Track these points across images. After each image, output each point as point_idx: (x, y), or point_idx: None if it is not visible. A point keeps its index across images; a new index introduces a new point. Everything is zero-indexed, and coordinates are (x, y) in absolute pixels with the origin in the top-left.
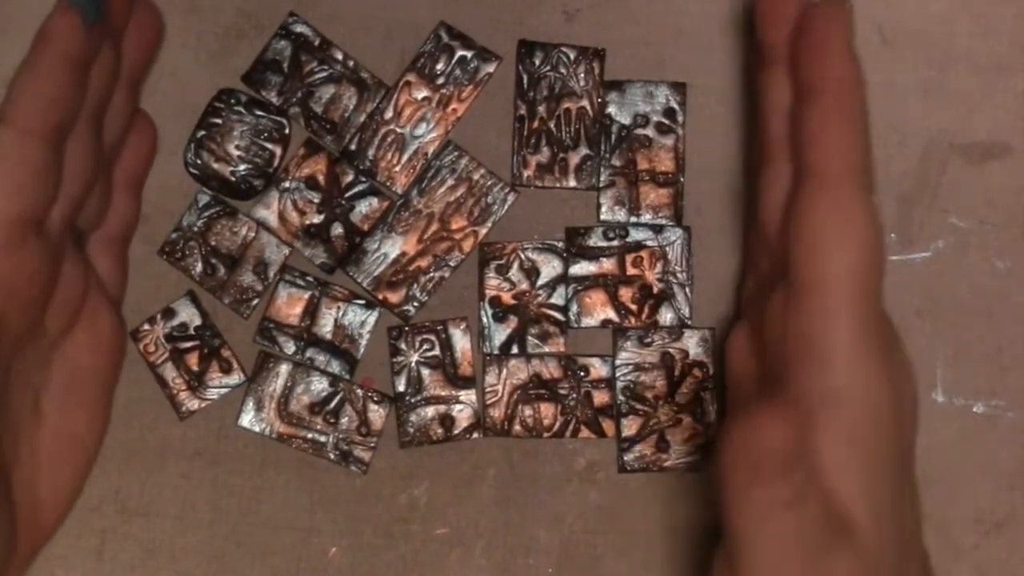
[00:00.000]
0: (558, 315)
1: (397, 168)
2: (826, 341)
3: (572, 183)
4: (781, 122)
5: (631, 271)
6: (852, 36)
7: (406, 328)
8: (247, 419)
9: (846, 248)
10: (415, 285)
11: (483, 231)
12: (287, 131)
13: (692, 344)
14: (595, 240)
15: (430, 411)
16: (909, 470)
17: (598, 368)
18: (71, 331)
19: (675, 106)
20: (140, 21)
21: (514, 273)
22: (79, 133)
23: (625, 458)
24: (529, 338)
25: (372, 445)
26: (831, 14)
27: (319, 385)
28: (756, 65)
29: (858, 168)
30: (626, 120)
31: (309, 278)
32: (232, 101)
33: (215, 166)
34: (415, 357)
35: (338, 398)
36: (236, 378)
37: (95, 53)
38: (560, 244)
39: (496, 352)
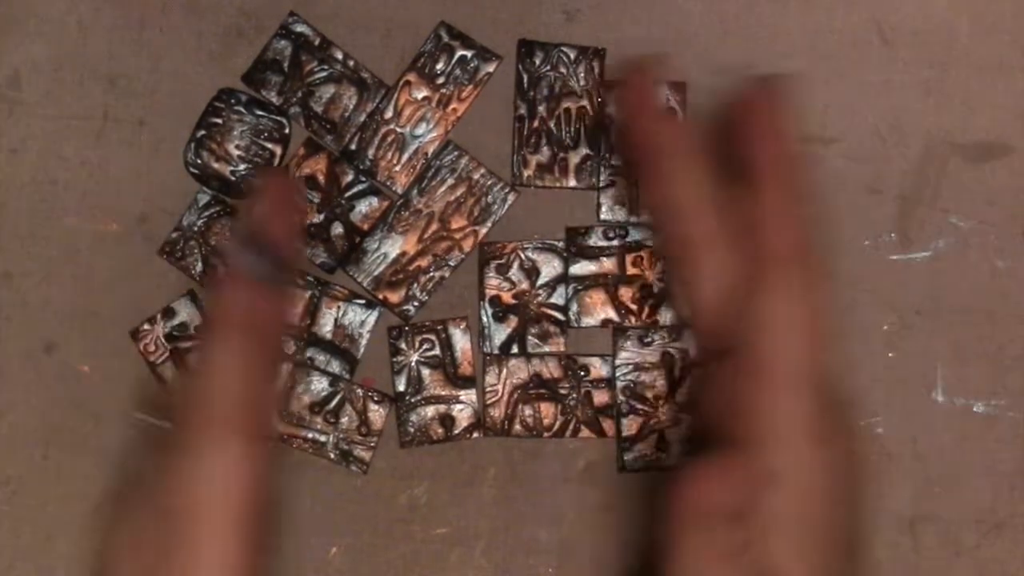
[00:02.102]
0: (558, 315)
1: (397, 168)
2: (770, 425)
3: (572, 183)
4: (705, 211)
5: (631, 270)
6: (785, 109)
7: (406, 328)
8: None
9: (795, 335)
10: (415, 285)
11: (483, 231)
12: (287, 131)
13: (692, 344)
14: (595, 240)
15: (430, 411)
16: (850, 546)
17: (598, 368)
18: None
19: (675, 106)
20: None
21: (514, 273)
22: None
23: (625, 458)
24: (529, 338)
25: (372, 445)
26: (759, 101)
27: (319, 385)
28: (642, 159)
29: (806, 251)
30: None
31: (309, 278)
32: (232, 101)
33: (215, 166)
34: (415, 357)
35: (338, 398)
36: None
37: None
38: (560, 244)
39: (496, 352)
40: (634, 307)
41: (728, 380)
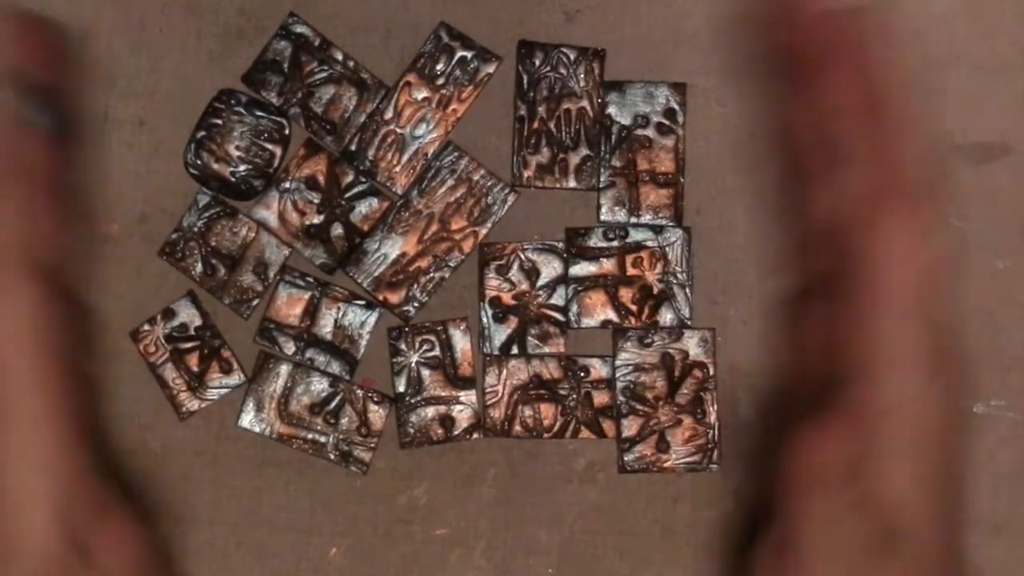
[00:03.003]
0: (558, 315)
1: (397, 168)
2: (883, 357)
3: (572, 183)
4: (816, 132)
5: (631, 271)
6: (891, 37)
7: (406, 328)
8: (247, 419)
9: (910, 265)
10: (415, 285)
11: (483, 231)
12: (287, 131)
13: (692, 344)
14: (595, 241)
15: (430, 411)
16: (957, 481)
17: (598, 369)
18: None
19: (675, 107)
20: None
21: (514, 273)
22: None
23: (625, 458)
24: (529, 338)
25: (372, 445)
26: (862, 25)
27: (319, 385)
28: (771, 73)
29: (920, 180)
30: (626, 121)
31: (309, 278)
32: (232, 101)
33: (215, 166)
34: (415, 357)
35: (338, 398)
36: (236, 379)
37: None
38: (560, 244)
39: (496, 352)
40: (634, 308)
41: (831, 315)
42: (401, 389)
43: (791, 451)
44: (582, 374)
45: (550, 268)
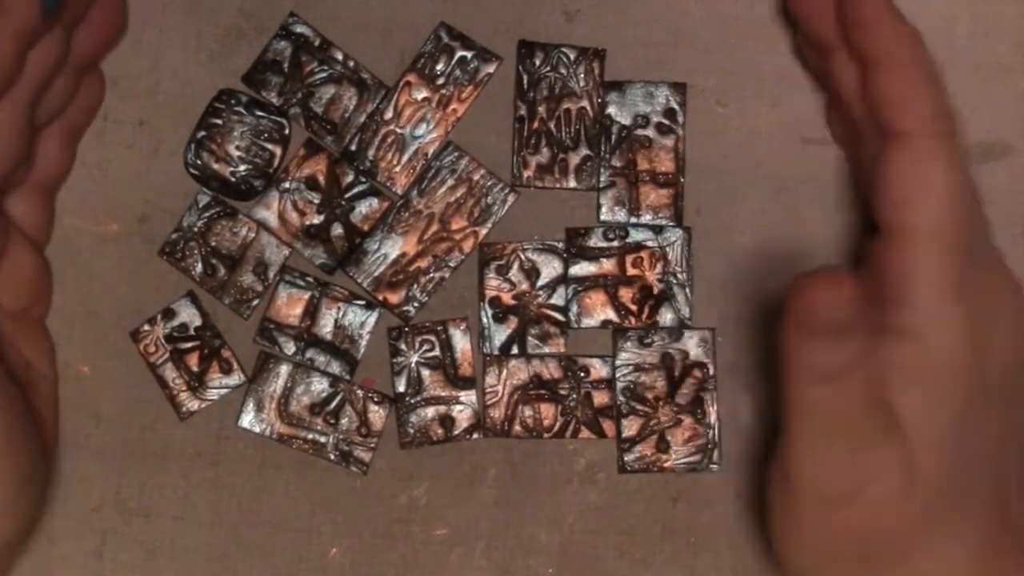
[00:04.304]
0: (558, 315)
1: (397, 168)
2: (907, 284)
3: (572, 183)
4: (859, 102)
5: (631, 271)
6: None
7: (406, 328)
8: (247, 420)
9: (925, 200)
10: (415, 285)
11: (483, 231)
12: (287, 131)
13: (692, 344)
14: (595, 241)
15: (430, 411)
16: (990, 412)
17: (598, 369)
18: None
19: (675, 106)
20: (101, 14)
21: (514, 273)
22: (7, 108)
23: (625, 458)
24: (529, 339)
25: (372, 446)
26: None
27: (319, 386)
28: (812, 58)
29: (930, 119)
30: (626, 120)
31: (309, 278)
32: (232, 101)
33: (215, 166)
34: (415, 357)
35: (338, 399)
36: (236, 379)
37: (43, 36)
38: (560, 244)
39: (496, 352)
40: (634, 308)
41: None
42: (401, 389)
43: (792, 295)
44: (582, 374)
45: (550, 268)
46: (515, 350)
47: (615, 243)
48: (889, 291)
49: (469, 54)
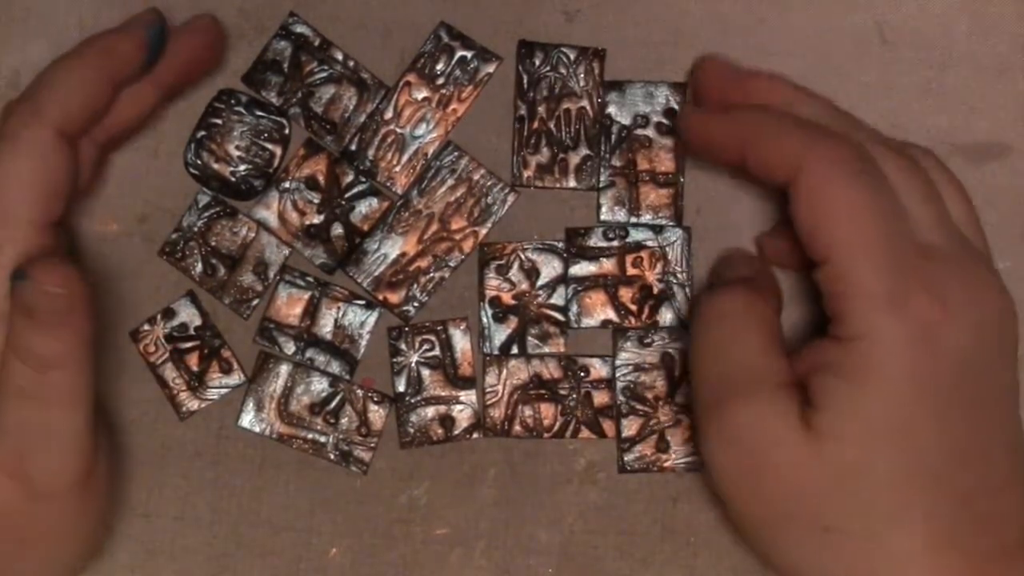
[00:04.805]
0: (558, 315)
1: (397, 168)
2: (838, 303)
3: (572, 183)
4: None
5: (631, 271)
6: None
7: (406, 328)
8: (247, 419)
9: (834, 222)
10: (415, 285)
11: (483, 231)
12: (287, 131)
13: None
14: (595, 240)
15: (430, 411)
16: (950, 411)
17: (598, 368)
18: None
19: (675, 106)
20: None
21: (514, 273)
22: (88, 145)
23: (625, 458)
24: (529, 338)
25: (372, 445)
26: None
27: (319, 385)
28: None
29: (823, 142)
30: (626, 120)
31: (309, 278)
32: (232, 101)
33: (215, 166)
34: (415, 357)
35: (338, 398)
36: (236, 378)
37: (138, 80)
38: (560, 244)
39: (496, 352)
40: (634, 308)
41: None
42: (401, 389)
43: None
44: (582, 374)
45: (550, 268)
46: (515, 350)
47: (615, 243)
48: (831, 312)
49: (469, 54)
